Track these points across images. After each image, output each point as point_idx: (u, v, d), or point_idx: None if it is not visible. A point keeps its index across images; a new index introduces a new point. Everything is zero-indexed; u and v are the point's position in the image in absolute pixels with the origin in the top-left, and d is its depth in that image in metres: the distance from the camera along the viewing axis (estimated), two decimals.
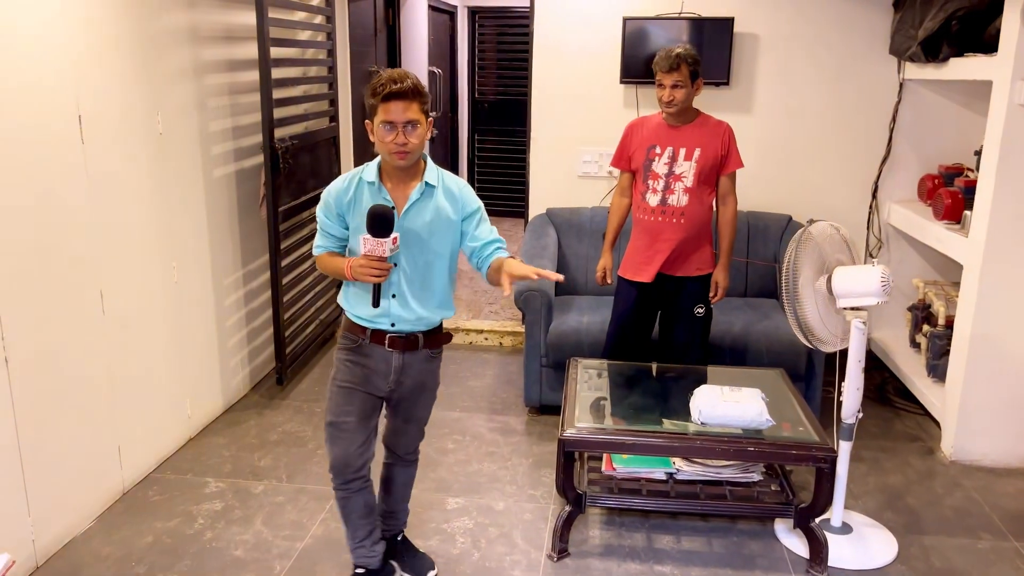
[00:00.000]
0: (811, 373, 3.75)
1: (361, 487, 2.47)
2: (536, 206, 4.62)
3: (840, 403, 2.87)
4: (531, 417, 3.91)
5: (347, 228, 2.33)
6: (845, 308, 2.77)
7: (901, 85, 4.29)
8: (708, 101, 4.35)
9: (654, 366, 3.39)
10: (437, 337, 2.46)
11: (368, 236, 2.17)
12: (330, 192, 2.32)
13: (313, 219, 4.42)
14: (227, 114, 3.77)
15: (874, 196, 4.44)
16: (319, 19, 4.47)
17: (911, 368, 4.13)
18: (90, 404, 2.93)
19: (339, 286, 2.40)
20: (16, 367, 2.54)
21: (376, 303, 2.26)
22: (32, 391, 2.62)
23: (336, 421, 2.40)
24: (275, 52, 3.83)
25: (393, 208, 2.22)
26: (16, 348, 2.54)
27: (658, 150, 3.28)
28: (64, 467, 2.80)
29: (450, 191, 2.34)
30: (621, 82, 4.40)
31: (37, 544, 2.66)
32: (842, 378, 2.87)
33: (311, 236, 4.36)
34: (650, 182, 3.29)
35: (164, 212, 3.31)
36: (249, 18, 3.73)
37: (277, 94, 3.89)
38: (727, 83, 4.32)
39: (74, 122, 2.76)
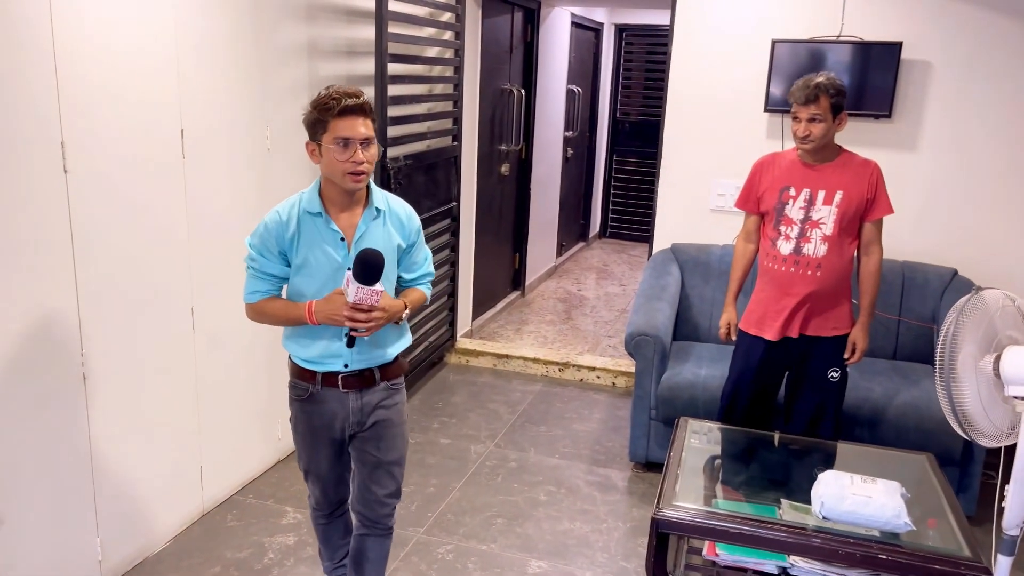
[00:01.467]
0: (969, 458, 3.20)
1: (342, 512, 2.46)
2: (661, 240, 4.27)
3: (1002, 509, 2.37)
4: (635, 473, 3.57)
5: (288, 266, 2.13)
6: (1016, 397, 2.28)
7: None
8: (866, 135, 3.87)
9: (776, 436, 2.98)
10: (393, 368, 2.26)
11: (360, 285, 1.98)
12: (268, 227, 2.10)
13: (426, 240, 4.28)
14: None
15: None
16: (447, 35, 4.33)
17: None
18: (174, 423, 2.87)
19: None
20: (95, 383, 2.49)
21: (352, 342, 2.10)
22: (112, 407, 2.57)
23: (310, 469, 2.34)
24: (394, 68, 3.72)
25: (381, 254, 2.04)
26: (97, 364, 2.49)
27: (792, 192, 2.87)
28: (141, 486, 2.74)
29: (397, 216, 2.19)
30: (765, 110, 3.99)
31: (104, 565, 2.61)
32: (1007, 475, 2.38)
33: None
34: (782, 228, 2.89)
35: None
36: (371, 33, 3.63)
37: (394, 111, 3.76)
38: (888, 116, 3.81)
39: (176, 135, 2.71)
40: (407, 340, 2.29)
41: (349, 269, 2.01)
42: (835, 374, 2.96)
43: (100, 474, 2.56)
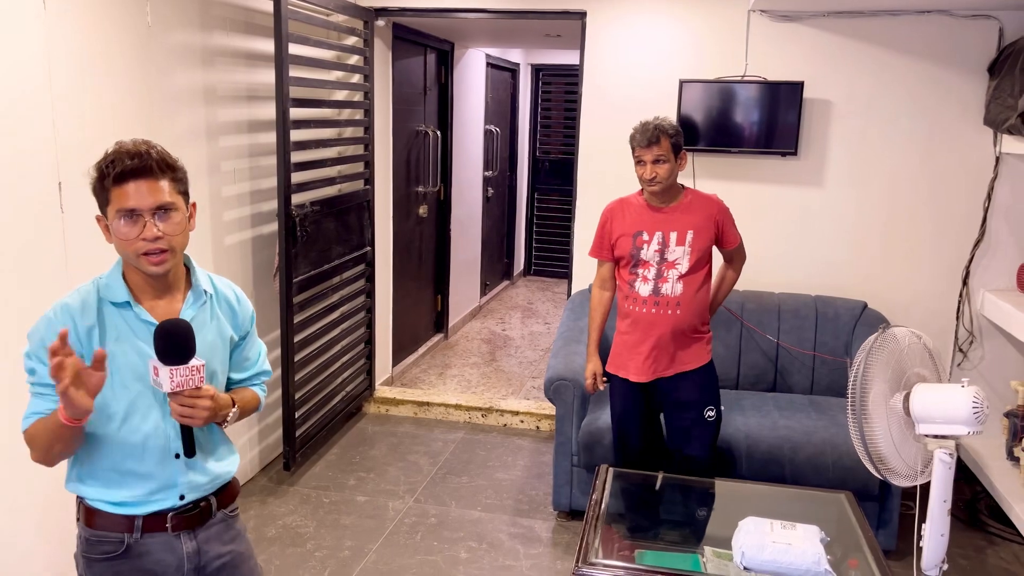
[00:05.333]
0: (887, 492, 3.21)
1: None
2: (580, 280, 4.23)
3: (920, 548, 2.35)
4: (559, 523, 3.47)
5: None
6: (926, 435, 2.27)
7: (998, 159, 3.77)
8: (773, 172, 3.93)
9: (660, 477, 2.92)
10: (229, 491, 1.80)
11: (174, 366, 1.53)
12: (51, 322, 1.57)
13: (338, 287, 4.16)
14: (244, 177, 3.54)
15: (965, 283, 3.90)
16: (356, 78, 4.24)
17: (1008, 486, 3.53)
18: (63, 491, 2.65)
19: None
20: None
21: (191, 450, 1.63)
22: None
23: None
24: (299, 113, 3.60)
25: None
26: None
27: (646, 236, 2.87)
28: (27, 566, 2.51)
29: (227, 301, 1.76)
30: None
31: None
32: (924, 511, 2.36)
33: (331, 308, 4.08)
34: (640, 270, 2.89)
35: None
36: (273, 77, 3.51)
37: (299, 157, 3.64)
38: (795, 153, 3.88)
39: (53, 189, 2.53)
40: (237, 454, 1.83)
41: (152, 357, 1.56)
42: (711, 413, 2.93)
43: None
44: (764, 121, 3.88)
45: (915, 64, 3.78)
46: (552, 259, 8.40)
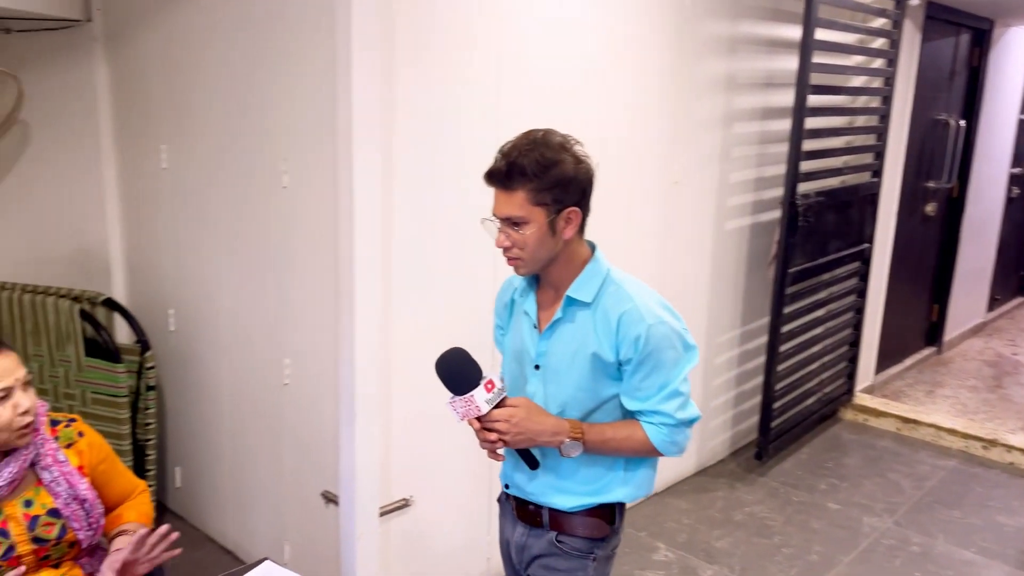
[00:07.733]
0: None
1: None
2: None
3: None
4: None
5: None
6: None
7: None
8: None
9: None
10: (571, 522, 1.60)
11: (452, 399, 1.48)
12: (498, 293, 1.74)
13: (830, 283, 3.97)
14: (751, 164, 3.56)
15: None
16: (878, 63, 3.97)
17: None
18: None
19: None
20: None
21: (534, 463, 1.55)
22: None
23: None
24: (814, 100, 3.49)
25: (465, 351, 1.50)
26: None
27: None
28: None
29: (606, 316, 1.51)
30: None
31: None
32: None
33: (820, 303, 3.93)
34: None
35: (664, 261, 3.24)
36: (792, 63, 3.46)
37: (809, 145, 3.54)
38: None
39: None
40: (619, 492, 1.60)
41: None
42: None
43: None
44: None
45: None
46: None
